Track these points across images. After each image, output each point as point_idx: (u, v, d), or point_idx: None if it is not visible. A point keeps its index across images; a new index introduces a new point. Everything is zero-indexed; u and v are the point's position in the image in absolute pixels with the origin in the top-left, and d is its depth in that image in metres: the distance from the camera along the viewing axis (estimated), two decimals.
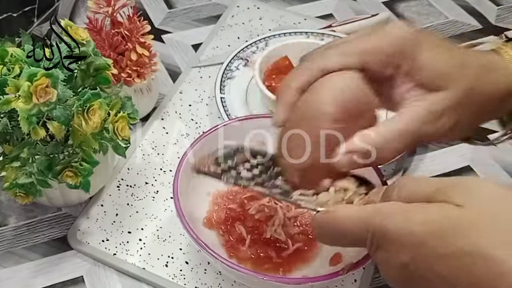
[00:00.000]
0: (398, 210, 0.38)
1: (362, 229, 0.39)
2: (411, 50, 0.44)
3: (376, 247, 0.38)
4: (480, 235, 0.34)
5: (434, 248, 0.35)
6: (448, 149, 0.74)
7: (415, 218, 0.37)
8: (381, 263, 0.39)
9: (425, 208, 0.37)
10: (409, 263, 0.36)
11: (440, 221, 0.36)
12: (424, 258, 0.36)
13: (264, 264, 0.57)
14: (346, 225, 0.40)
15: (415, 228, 0.36)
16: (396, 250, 0.37)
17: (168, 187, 0.66)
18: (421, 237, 0.36)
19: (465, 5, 0.95)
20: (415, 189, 0.39)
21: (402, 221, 0.37)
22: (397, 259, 0.37)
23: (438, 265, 0.35)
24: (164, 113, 0.75)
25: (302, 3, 0.94)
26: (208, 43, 0.85)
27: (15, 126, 0.53)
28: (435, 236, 0.35)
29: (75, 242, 0.61)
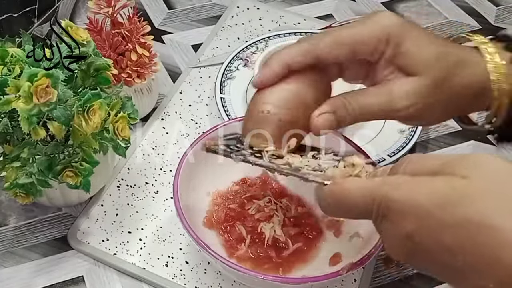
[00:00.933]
0: (405, 182, 0.38)
1: (369, 199, 0.39)
2: (396, 38, 0.47)
3: (381, 217, 0.39)
4: (485, 205, 0.35)
5: (439, 218, 0.36)
6: (448, 149, 0.74)
7: (421, 189, 0.37)
8: (385, 235, 0.39)
9: (431, 180, 0.37)
10: (414, 234, 0.37)
11: (446, 192, 0.36)
12: (428, 228, 0.36)
13: (264, 264, 0.57)
14: (353, 195, 0.41)
15: (421, 198, 0.37)
16: (401, 221, 0.37)
17: (168, 187, 0.67)
18: (426, 207, 0.36)
19: (464, 6, 0.95)
20: (422, 164, 0.39)
21: (408, 192, 0.37)
22: (401, 229, 0.37)
23: (443, 235, 0.35)
24: (164, 113, 0.75)
25: (302, 3, 0.94)
26: (208, 44, 0.85)
27: (16, 126, 0.53)
28: (440, 206, 0.36)
29: (75, 242, 0.62)
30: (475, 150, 0.73)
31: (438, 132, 0.76)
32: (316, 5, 0.94)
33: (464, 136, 0.75)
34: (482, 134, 0.75)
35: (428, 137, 0.75)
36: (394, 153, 0.68)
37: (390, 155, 0.67)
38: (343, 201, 0.41)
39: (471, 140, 0.75)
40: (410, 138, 0.69)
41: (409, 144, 0.68)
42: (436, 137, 0.75)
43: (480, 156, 0.38)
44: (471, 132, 0.75)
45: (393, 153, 0.68)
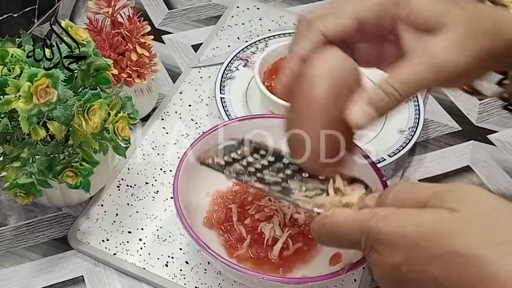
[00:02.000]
0: (393, 213, 0.38)
1: (358, 231, 0.39)
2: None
3: (370, 249, 0.39)
4: (473, 237, 0.35)
5: (426, 249, 0.36)
6: (448, 149, 0.74)
7: (409, 220, 0.37)
8: (375, 265, 0.39)
9: (419, 212, 0.37)
10: (402, 265, 0.37)
11: (433, 224, 0.36)
12: (416, 259, 0.36)
13: (264, 264, 0.57)
14: (343, 228, 0.41)
15: (408, 230, 0.36)
16: (389, 252, 0.37)
17: (168, 187, 0.67)
18: (414, 239, 0.36)
19: None
20: (410, 195, 0.39)
21: (396, 223, 0.37)
22: (389, 260, 0.37)
23: (430, 266, 0.35)
24: (164, 113, 0.75)
25: (302, 3, 0.94)
26: (208, 44, 0.85)
27: (16, 126, 0.53)
28: (428, 237, 0.36)
29: (75, 242, 0.62)
30: (475, 150, 0.73)
31: (438, 132, 0.76)
32: (316, 5, 0.94)
33: (464, 136, 0.75)
34: (483, 134, 0.75)
35: (428, 137, 0.75)
36: (394, 153, 0.68)
37: (390, 155, 0.67)
38: (333, 233, 0.42)
39: (471, 140, 0.75)
40: (410, 138, 0.69)
41: (409, 144, 0.68)
42: (436, 137, 0.75)
43: (467, 188, 0.38)
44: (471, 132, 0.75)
45: (393, 153, 0.68)
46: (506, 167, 0.72)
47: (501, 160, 0.72)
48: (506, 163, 0.72)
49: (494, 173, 0.71)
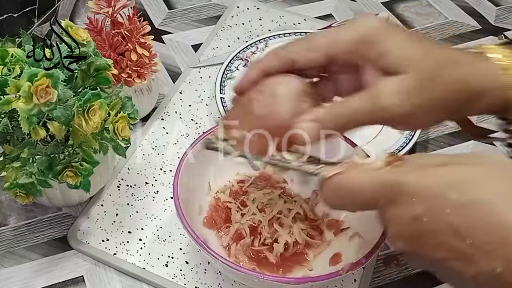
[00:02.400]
0: (416, 168, 0.39)
1: (376, 186, 0.39)
2: (377, 39, 0.44)
3: (389, 202, 0.39)
4: (496, 188, 0.35)
5: (449, 199, 0.36)
6: (448, 149, 0.74)
7: (433, 173, 0.38)
8: (391, 220, 0.39)
9: (444, 167, 0.38)
10: (423, 215, 0.37)
11: (457, 174, 0.37)
12: (439, 208, 0.36)
13: (264, 264, 0.57)
14: (360, 182, 0.41)
15: (432, 181, 0.37)
16: (411, 203, 0.37)
17: (168, 187, 0.67)
18: (437, 188, 0.37)
19: (464, 6, 0.95)
20: (428, 159, 0.40)
21: (419, 175, 0.38)
22: (410, 212, 0.37)
23: (453, 215, 0.36)
24: (164, 113, 0.75)
25: (302, 3, 0.94)
26: (208, 44, 0.85)
27: (16, 126, 0.53)
28: (453, 186, 0.36)
29: (75, 242, 0.62)
30: (475, 150, 0.73)
31: (438, 132, 0.76)
32: (316, 5, 0.94)
33: (464, 136, 0.75)
34: None
35: (428, 137, 0.75)
36: (394, 153, 0.68)
37: None
38: (349, 188, 0.41)
39: (471, 140, 0.75)
40: (410, 138, 0.69)
41: (409, 144, 0.68)
42: (436, 137, 0.75)
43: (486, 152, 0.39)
44: None
45: (393, 153, 0.67)
46: None
47: None
48: None
49: None
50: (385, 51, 0.44)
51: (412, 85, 0.43)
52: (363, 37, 0.45)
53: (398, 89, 0.43)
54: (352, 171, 0.42)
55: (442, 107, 0.45)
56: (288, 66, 0.47)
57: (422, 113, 0.44)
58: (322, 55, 0.46)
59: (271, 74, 0.47)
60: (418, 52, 0.44)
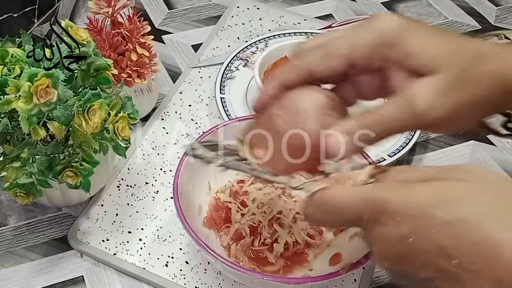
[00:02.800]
0: (399, 185, 0.38)
1: (361, 203, 0.38)
2: (399, 39, 0.42)
3: (373, 221, 0.37)
4: (482, 205, 0.34)
5: (435, 217, 0.35)
6: (448, 149, 0.74)
7: (418, 189, 0.36)
8: (376, 239, 0.38)
9: (427, 183, 0.37)
10: (409, 235, 0.36)
11: (442, 192, 0.36)
12: (424, 228, 0.35)
13: (264, 264, 0.57)
14: (344, 199, 0.39)
15: (416, 199, 0.36)
16: (396, 222, 0.36)
17: (168, 187, 0.67)
18: (424, 207, 0.35)
19: (464, 6, 0.95)
20: (413, 173, 0.39)
21: (403, 193, 0.37)
22: (395, 231, 0.36)
23: (439, 235, 0.35)
24: (164, 113, 0.75)
25: (302, 3, 0.94)
26: (208, 44, 0.85)
27: (16, 126, 0.53)
28: (436, 205, 0.35)
29: (75, 242, 0.61)
30: (475, 150, 0.73)
31: None
32: (316, 5, 0.94)
33: (464, 136, 0.75)
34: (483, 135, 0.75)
35: (428, 137, 0.75)
36: (394, 153, 0.68)
37: (390, 155, 0.67)
38: (333, 205, 0.40)
39: (471, 140, 0.75)
40: (410, 138, 0.69)
41: (409, 144, 0.68)
42: (436, 137, 0.75)
43: (472, 165, 0.38)
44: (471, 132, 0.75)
45: (393, 153, 0.68)
46: (506, 167, 0.72)
47: (501, 160, 0.72)
48: (506, 163, 0.72)
49: None
50: (410, 51, 0.42)
51: (447, 85, 0.41)
52: (384, 39, 0.42)
53: (433, 91, 0.41)
54: (336, 186, 0.41)
55: (480, 104, 0.42)
56: (306, 77, 0.45)
57: (462, 113, 0.42)
58: (341, 62, 0.44)
59: (290, 87, 0.45)
60: (444, 48, 0.42)
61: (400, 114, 0.42)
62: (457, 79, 0.41)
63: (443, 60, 0.41)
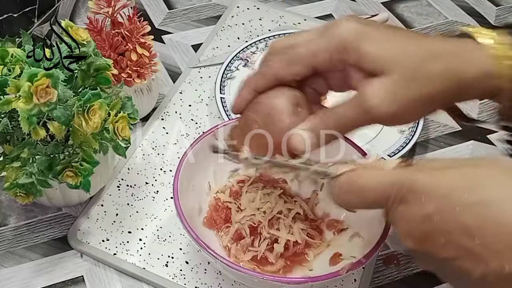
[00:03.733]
0: (427, 167, 0.39)
1: (387, 184, 0.40)
2: (355, 44, 0.45)
3: (399, 201, 0.39)
4: (508, 189, 0.36)
5: (461, 197, 0.36)
6: (448, 149, 0.74)
7: (445, 173, 0.38)
8: (401, 219, 0.39)
9: (455, 167, 0.38)
10: (434, 214, 0.37)
11: (470, 175, 0.37)
12: (450, 207, 0.37)
13: (264, 264, 0.57)
14: (371, 180, 0.41)
15: (446, 179, 0.37)
16: (422, 202, 0.38)
17: (168, 187, 0.67)
18: (450, 188, 0.37)
19: (464, 6, 0.95)
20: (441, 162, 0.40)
21: (431, 174, 0.38)
22: (421, 210, 0.38)
23: (463, 215, 0.36)
24: (164, 113, 0.75)
25: (302, 3, 0.94)
26: (208, 44, 0.85)
27: (16, 126, 0.53)
28: (464, 186, 0.37)
29: (75, 242, 0.62)
30: (475, 150, 0.73)
31: (438, 132, 0.76)
32: (316, 5, 0.94)
33: (464, 136, 0.75)
34: (483, 134, 0.75)
35: (428, 137, 0.75)
36: (394, 153, 0.68)
37: (390, 155, 0.67)
38: (360, 184, 0.42)
39: (471, 140, 0.75)
40: (410, 138, 0.69)
41: (409, 144, 0.68)
42: (436, 137, 0.75)
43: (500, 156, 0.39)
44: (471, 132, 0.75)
45: (393, 153, 0.68)
46: None
47: None
48: None
49: None
50: (364, 55, 0.45)
51: (397, 84, 0.44)
52: (339, 44, 0.46)
53: (384, 89, 0.44)
54: (363, 169, 0.43)
55: (430, 101, 0.45)
56: (275, 82, 0.49)
57: (411, 109, 0.45)
58: (304, 68, 0.48)
59: (262, 92, 0.49)
60: (396, 50, 0.45)
61: (353, 111, 0.45)
62: (407, 78, 0.44)
63: (395, 61, 0.44)
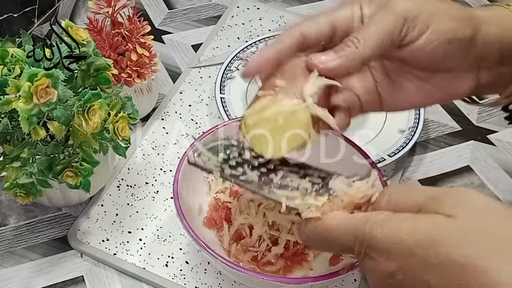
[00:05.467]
0: (386, 219, 0.38)
1: (351, 237, 0.39)
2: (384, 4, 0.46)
3: (364, 255, 0.38)
4: (470, 245, 0.34)
5: (422, 258, 0.35)
6: (448, 149, 0.74)
7: (404, 227, 0.36)
8: (368, 271, 0.39)
9: (414, 218, 0.37)
10: (397, 272, 0.36)
11: (429, 231, 0.35)
12: (412, 267, 0.36)
13: (264, 264, 0.57)
14: (335, 233, 0.41)
15: (404, 237, 0.36)
16: (383, 259, 0.37)
17: (168, 187, 0.67)
18: (409, 246, 0.36)
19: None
20: (404, 198, 0.39)
21: (390, 230, 0.37)
22: (384, 268, 0.37)
23: (427, 275, 0.35)
24: (164, 113, 0.75)
25: (302, 3, 0.94)
26: (208, 44, 0.85)
27: (16, 126, 0.53)
28: (424, 245, 0.35)
29: (75, 242, 0.62)
30: (475, 150, 0.73)
31: (438, 132, 0.76)
32: (316, 5, 0.94)
33: (464, 136, 0.75)
34: (483, 134, 0.75)
35: (428, 137, 0.75)
36: (394, 153, 0.68)
37: (390, 155, 0.67)
38: (325, 237, 0.42)
39: (471, 140, 0.75)
40: (410, 138, 0.69)
41: (409, 144, 0.68)
42: (436, 137, 0.75)
43: (464, 192, 0.37)
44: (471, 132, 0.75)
45: (393, 153, 0.68)
46: (506, 167, 0.72)
47: (501, 160, 0.73)
48: (506, 163, 0.72)
49: (494, 173, 0.71)
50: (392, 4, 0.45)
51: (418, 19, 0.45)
52: None
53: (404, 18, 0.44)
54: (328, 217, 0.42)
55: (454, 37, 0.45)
56: (300, 42, 0.47)
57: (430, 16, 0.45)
58: (328, 27, 0.47)
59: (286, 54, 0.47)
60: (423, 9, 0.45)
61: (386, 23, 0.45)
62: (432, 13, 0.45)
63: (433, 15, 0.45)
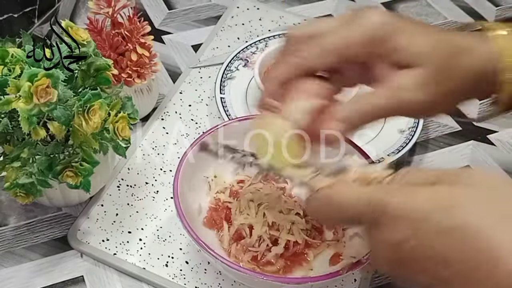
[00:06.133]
0: (403, 187, 0.38)
1: (364, 202, 0.38)
2: (389, 36, 0.45)
3: (374, 223, 0.38)
4: (485, 212, 0.34)
5: (436, 222, 0.35)
6: (448, 149, 0.74)
7: (420, 194, 0.36)
8: (375, 242, 0.38)
9: (431, 187, 0.37)
10: (408, 239, 0.36)
11: (444, 197, 0.35)
12: (425, 232, 0.35)
13: (264, 264, 0.57)
14: (348, 197, 0.40)
15: (420, 203, 0.36)
16: (395, 226, 0.36)
17: (168, 187, 0.67)
18: (425, 212, 0.35)
19: (464, 6, 0.95)
20: (418, 175, 0.39)
21: (405, 197, 0.37)
22: (394, 235, 0.36)
23: (439, 240, 0.34)
24: (164, 113, 0.75)
25: (302, 4, 0.94)
26: (208, 44, 0.85)
27: (16, 126, 0.53)
28: (439, 210, 0.35)
29: (75, 242, 0.62)
30: (475, 150, 0.73)
31: (438, 132, 0.76)
32: (316, 5, 0.94)
33: (464, 136, 0.75)
34: (483, 134, 0.75)
35: (428, 137, 0.75)
36: (394, 153, 0.68)
37: (390, 155, 0.67)
38: (337, 201, 0.41)
39: (471, 140, 0.75)
40: (410, 138, 0.69)
41: (409, 144, 0.68)
42: (436, 137, 0.75)
43: (479, 168, 0.38)
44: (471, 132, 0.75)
45: (393, 153, 0.68)
46: (506, 167, 0.72)
47: (501, 160, 0.72)
48: (506, 163, 0.72)
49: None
50: (397, 47, 0.45)
51: (429, 77, 0.45)
52: (374, 35, 0.45)
53: (416, 82, 0.45)
54: (341, 185, 0.41)
55: (456, 94, 0.47)
56: (304, 73, 0.47)
57: (439, 102, 0.46)
58: (335, 58, 0.46)
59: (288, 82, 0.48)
60: (428, 44, 0.45)
61: (388, 101, 0.45)
62: (436, 73, 0.45)
63: (426, 56, 0.45)
